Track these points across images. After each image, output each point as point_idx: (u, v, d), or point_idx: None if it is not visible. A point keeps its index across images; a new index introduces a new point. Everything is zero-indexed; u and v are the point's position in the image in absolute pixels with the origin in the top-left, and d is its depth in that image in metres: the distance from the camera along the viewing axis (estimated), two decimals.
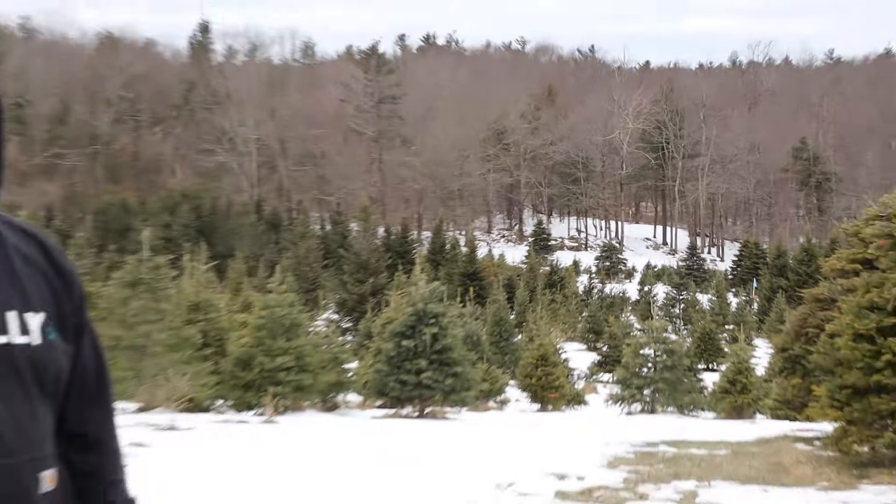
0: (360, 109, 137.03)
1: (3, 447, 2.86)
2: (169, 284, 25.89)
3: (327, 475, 13.44)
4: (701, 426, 19.66)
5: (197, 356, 24.65)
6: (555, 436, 17.05)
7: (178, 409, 21.44)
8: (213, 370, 24.49)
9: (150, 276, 25.09)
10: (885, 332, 12.22)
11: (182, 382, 21.94)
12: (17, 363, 2.95)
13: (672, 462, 13.52)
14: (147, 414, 21.20)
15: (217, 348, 25.91)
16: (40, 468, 3.01)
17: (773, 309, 66.22)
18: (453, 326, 23.43)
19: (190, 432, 17.70)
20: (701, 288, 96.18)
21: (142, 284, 24.90)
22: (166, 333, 24.20)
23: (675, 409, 31.82)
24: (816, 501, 11.10)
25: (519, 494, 11.70)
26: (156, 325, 24.15)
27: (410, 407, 22.76)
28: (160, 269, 25.45)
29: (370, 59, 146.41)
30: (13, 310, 2.99)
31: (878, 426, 12.45)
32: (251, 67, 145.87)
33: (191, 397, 22.29)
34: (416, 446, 15.89)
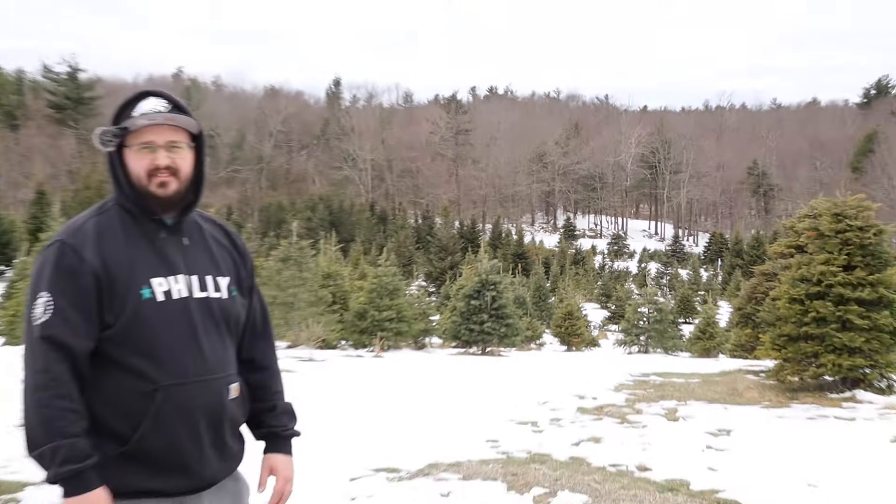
0: (443, 139, 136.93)
1: (209, 368, 3.34)
2: (309, 260, 26.11)
3: (416, 390, 13.61)
4: (680, 363, 19.61)
5: (328, 310, 24.89)
6: (576, 369, 17.08)
7: (314, 346, 21.73)
8: (339, 320, 24.73)
9: (296, 254, 25.36)
10: (811, 297, 12.25)
11: (318, 328, 22.22)
12: (214, 311, 3.43)
13: (659, 388, 13.53)
14: (294, 350, 21.46)
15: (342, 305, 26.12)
16: (229, 382, 3.46)
17: (732, 280, 65.84)
18: (506, 291, 23.52)
19: (323, 362, 17.91)
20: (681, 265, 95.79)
21: (290, 260, 25.18)
22: (307, 294, 24.45)
23: (662, 350, 31.79)
24: (761, 416, 11.12)
25: (552, 409, 11.77)
26: (300, 288, 24.41)
27: (475, 347, 22.86)
28: (303, 249, 25.71)
29: (451, 104, 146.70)
30: (210, 275, 3.45)
31: (805, 363, 12.45)
32: (368, 110, 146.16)
33: (323, 339, 22.59)
34: (479, 375, 15.99)
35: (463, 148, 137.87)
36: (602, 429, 10.32)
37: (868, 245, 12.42)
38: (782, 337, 12.70)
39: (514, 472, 8.20)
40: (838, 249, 12.47)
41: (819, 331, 12.25)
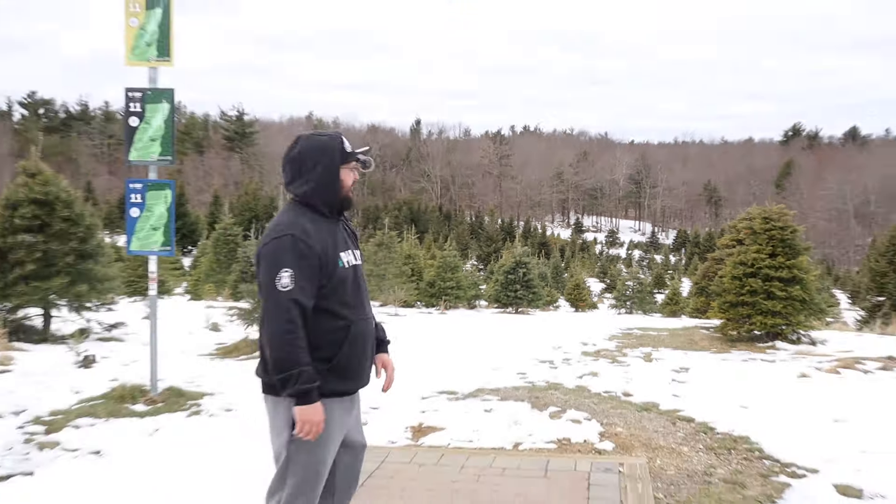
0: (491, 162, 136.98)
1: (367, 309, 3.74)
2: (396, 245, 26.10)
3: (468, 337, 13.58)
4: (654, 321, 19.44)
5: (408, 280, 24.89)
6: (581, 324, 16.97)
7: (398, 306, 21.70)
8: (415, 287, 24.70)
9: (387, 241, 25.36)
10: (747, 276, 12.17)
11: (401, 293, 22.24)
12: (361, 272, 3.73)
13: (639, 338, 13.43)
14: (383, 308, 21.48)
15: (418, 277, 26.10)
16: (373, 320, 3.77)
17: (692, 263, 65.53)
18: (533, 269, 23.42)
19: (404, 317, 17.95)
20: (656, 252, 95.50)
21: (383, 245, 25.18)
22: (394, 269, 24.46)
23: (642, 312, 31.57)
24: (710, 358, 11.02)
25: (564, 352, 11.71)
26: (389, 265, 24.40)
27: (511, 308, 22.78)
28: (392, 238, 25.70)
29: (496, 137, 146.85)
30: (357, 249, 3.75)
31: (741, 322, 12.37)
32: (438, 141, 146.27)
33: (404, 300, 22.58)
34: (512, 327, 15.92)
35: (504, 168, 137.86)
36: (598, 366, 10.25)
37: (786, 240, 12.37)
38: (726, 303, 12.64)
39: (536, 395, 8.15)
40: (766, 242, 12.40)
41: (751, 299, 12.18)
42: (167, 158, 7.68)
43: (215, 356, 11.01)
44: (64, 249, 11.43)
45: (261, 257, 3.43)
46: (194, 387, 8.60)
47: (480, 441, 6.55)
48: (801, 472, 5.77)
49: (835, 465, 5.91)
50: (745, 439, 6.63)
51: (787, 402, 8.01)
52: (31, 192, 11.40)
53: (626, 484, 5.42)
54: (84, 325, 11.93)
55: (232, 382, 8.94)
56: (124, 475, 5.52)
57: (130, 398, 7.76)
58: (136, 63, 7.63)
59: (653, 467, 5.88)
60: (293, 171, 3.59)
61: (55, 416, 7.28)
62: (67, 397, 7.98)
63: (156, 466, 5.74)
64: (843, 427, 7.07)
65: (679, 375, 9.63)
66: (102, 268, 11.86)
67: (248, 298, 11.65)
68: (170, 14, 7.61)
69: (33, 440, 6.53)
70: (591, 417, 7.26)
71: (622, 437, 6.66)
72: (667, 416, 7.45)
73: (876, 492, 5.34)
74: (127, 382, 8.18)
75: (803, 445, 6.41)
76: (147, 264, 8.14)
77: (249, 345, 11.36)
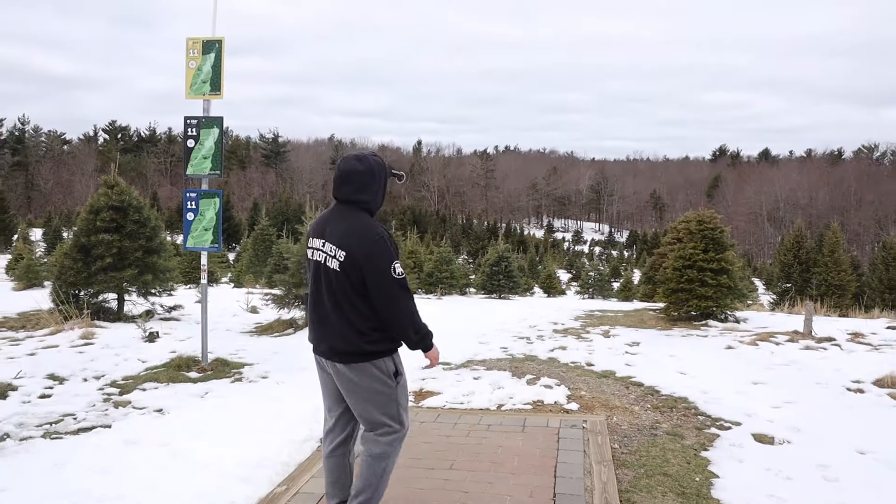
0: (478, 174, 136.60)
1: None
2: (401, 243, 26.02)
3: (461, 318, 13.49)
4: (611, 305, 19.38)
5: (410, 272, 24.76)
6: (552, 307, 16.88)
7: None
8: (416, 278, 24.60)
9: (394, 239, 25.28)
10: (685, 267, 12.09)
11: None
12: None
13: (599, 319, 13.36)
14: None
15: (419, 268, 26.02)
16: None
17: (641, 257, 65.47)
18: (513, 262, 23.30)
19: None
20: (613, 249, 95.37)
21: None
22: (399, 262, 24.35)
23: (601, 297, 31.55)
24: (656, 335, 10.97)
25: (538, 330, 11.64)
26: None
27: (496, 294, 22.70)
28: (398, 237, 25.61)
29: (483, 155, 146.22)
30: None
31: (681, 305, 12.31)
32: (436, 158, 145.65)
33: None
34: (496, 310, 15.83)
35: (489, 180, 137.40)
36: (566, 342, 10.21)
37: (716, 238, 12.32)
38: (669, 290, 12.57)
39: (516, 365, 8.12)
40: (700, 241, 12.35)
41: (689, 286, 12.12)
42: (216, 172, 7.73)
43: (254, 333, 10.98)
44: (134, 246, 11.50)
45: (373, 256, 3.36)
46: (237, 358, 8.60)
47: (470, 403, 6.53)
48: (728, 424, 5.79)
49: (753, 418, 5.96)
50: (683, 399, 6.63)
51: (717, 369, 8.01)
52: (110, 200, 11.51)
53: (588, 437, 5.42)
54: (149, 308, 11.98)
55: (267, 355, 8.93)
56: (181, 426, 5.52)
57: (186, 367, 7.83)
58: (194, 96, 7.74)
59: (610, 423, 5.87)
60: (362, 185, 3.47)
61: (127, 380, 7.37)
62: (136, 366, 8.04)
63: (206, 420, 5.74)
64: (760, 388, 7.08)
65: (631, 348, 9.60)
66: (164, 261, 11.90)
67: (281, 286, 11.60)
68: (221, 58, 7.72)
69: (110, 399, 6.64)
70: (560, 383, 7.24)
71: (585, 399, 6.65)
72: (621, 382, 7.44)
73: (784, 438, 5.45)
74: (183, 354, 8.27)
75: (729, 403, 6.43)
76: (200, 258, 8.17)
77: (282, 324, 11.33)
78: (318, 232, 3.53)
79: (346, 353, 3.46)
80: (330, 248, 3.43)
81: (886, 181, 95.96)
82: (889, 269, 26.24)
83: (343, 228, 3.43)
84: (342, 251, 3.38)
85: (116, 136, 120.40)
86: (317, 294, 3.54)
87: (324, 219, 3.57)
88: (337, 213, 3.52)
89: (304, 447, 5.20)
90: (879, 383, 7.05)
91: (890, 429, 5.69)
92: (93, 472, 4.53)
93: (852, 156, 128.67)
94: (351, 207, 3.48)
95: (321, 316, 3.53)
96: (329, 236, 3.45)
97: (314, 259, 3.53)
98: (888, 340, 9.82)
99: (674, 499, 4.31)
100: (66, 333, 9.73)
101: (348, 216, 3.47)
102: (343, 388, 3.56)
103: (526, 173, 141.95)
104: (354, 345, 3.43)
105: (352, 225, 3.42)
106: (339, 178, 3.49)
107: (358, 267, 3.36)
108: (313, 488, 4.41)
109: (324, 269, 3.47)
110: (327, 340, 3.51)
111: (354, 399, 3.55)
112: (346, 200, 3.50)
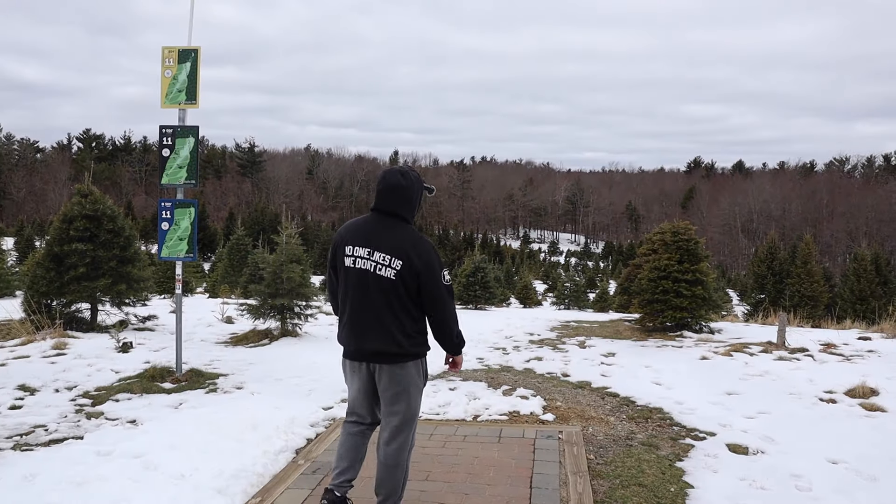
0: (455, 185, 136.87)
1: None
2: None
3: None
4: (587, 315, 19.45)
5: None
6: (529, 318, 16.89)
7: None
8: None
9: None
10: (660, 278, 12.16)
11: None
12: None
13: (575, 329, 13.41)
14: None
15: None
16: None
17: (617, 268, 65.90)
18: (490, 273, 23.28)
19: None
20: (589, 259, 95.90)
21: None
22: None
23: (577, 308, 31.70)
24: (631, 345, 11.03)
25: (514, 341, 11.66)
26: None
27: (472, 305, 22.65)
28: None
29: (459, 166, 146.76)
30: None
31: (656, 316, 12.38)
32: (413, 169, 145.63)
33: None
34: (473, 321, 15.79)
35: (466, 191, 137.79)
36: (542, 352, 10.24)
37: (690, 249, 12.42)
38: (644, 301, 12.64)
39: (492, 376, 8.13)
40: (675, 251, 12.44)
41: (664, 297, 12.20)
42: (192, 182, 7.69)
43: (229, 344, 10.90)
44: (108, 256, 11.37)
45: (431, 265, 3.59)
46: (212, 369, 8.54)
47: (447, 414, 6.53)
48: (702, 435, 5.83)
49: (728, 429, 6.00)
50: (658, 410, 6.67)
51: (692, 380, 8.07)
52: (84, 209, 11.39)
53: (564, 448, 5.43)
54: (123, 318, 11.86)
55: (242, 366, 8.86)
56: (155, 438, 5.46)
57: (160, 377, 7.75)
58: (169, 106, 7.69)
59: (586, 434, 5.89)
60: (405, 199, 3.68)
61: (100, 391, 7.28)
62: (109, 376, 7.94)
63: (180, 431, 5.68)
64: (734, 398, 7.14)
65: (607, 359, 9.65)
66: (139, 271, 11.78)
67: (256, 296, 11.53)
68: (197, 67, 7.67)
69: (83, 410, 6.55)
70: (536, 394, 7.26)
71: (561, 410, 6.67)
72: (597, 393, 7.47)
73: (758, 448, 5.49)
74: (157, 364, 8.17)
75: (704, 414, 6.47)
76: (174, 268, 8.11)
77: (258, 334, 11.24)
78: (362, 241, 3.65)
79: (394, 355, 3.66)
80: (381, 257, 3.58)
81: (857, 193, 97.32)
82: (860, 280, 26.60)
83: (396, 239, 3.60)
84: (399, 260, 3.56)
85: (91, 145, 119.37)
86: (363, 300, 3.65)
87: (364, 229, 3.69)
88: (380, 223, 3.66)
89: (279, 458, 5.17)
90: (851, 393, 7.14)
91: (861, 438, 5.75)
92: (64, 484, 4.47)
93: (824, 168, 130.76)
94: (395, 219, 3.65)
95: (367, 321, 3.65)
96: (379, 246, 3.59)
97: (358, 267, 3.64)
98: (860, 351, 9.95)
99: None
100: (38, 344, 9.60)
101: (396, 227, 3.64)
102: (383, 386, 3.72)
103: (502, 184, 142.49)
104: (403, 347, 3.65)
105: (404, 236, 3.60)
106: (384, 190, 3.66)
107: (415, 275, 3.56)
108: (288, 500, 4.38)
109: (373, 277, 3.60)
110: (373, 344, 3.66)
111: (391, 394, 3.72)
112: (389, 212, 3.66)
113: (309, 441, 5.70)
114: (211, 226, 67.24)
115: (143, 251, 12.55)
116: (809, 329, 13.62)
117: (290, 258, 11.57)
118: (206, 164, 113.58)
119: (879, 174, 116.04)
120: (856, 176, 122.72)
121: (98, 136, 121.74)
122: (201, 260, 52.67)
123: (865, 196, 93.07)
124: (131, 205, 77.09)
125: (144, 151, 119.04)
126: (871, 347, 10.32)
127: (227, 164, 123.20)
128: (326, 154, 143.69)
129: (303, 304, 11.59)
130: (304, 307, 11.63)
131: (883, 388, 7.21)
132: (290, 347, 10.39)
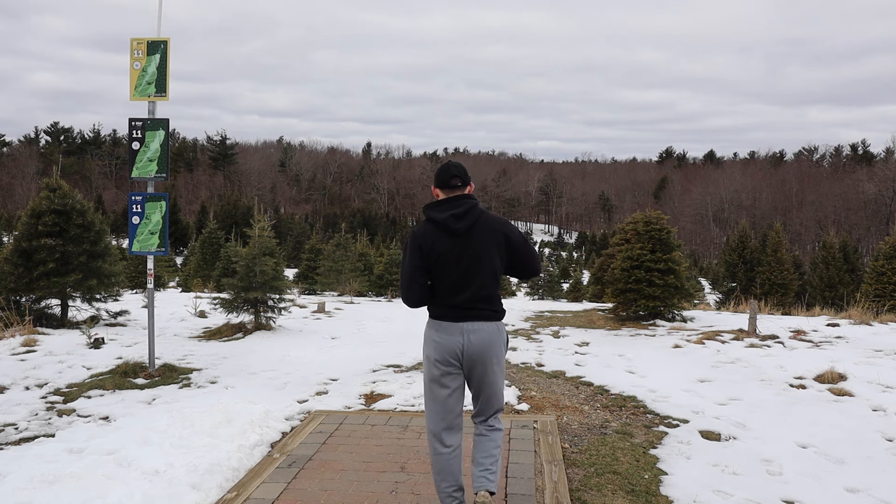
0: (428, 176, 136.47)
1: None
2: (351, 245, 25.87)
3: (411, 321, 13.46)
4: (561, 305, 19.50)
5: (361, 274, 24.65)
6: None
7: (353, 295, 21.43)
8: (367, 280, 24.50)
9: (344, 242, 25.13)
10: (633, 268, 12.25)
11: (355, 284, 21.92)
12: None
13: (549, 319, 13.46)
14: (341, 297, 21.26)
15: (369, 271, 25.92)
16: None
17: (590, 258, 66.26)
18: None
19: (359, 304, 17.73)
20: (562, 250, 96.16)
21: (340, 245, 24.95)
22: (349, 265, 24.22)
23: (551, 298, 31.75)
24: (605, 334, 11.10)
25: None
26: (345, 261, 24.18)
27: None
28: (348, 239, 25.46)
29: (433, 157, 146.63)
30: None
31: (629, 305, 12.47)
32: (386, 160, 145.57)
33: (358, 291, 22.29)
34: None
35: None
36: (516, 343, 10.28)
37: (663, 239, 12.52)
38: (617, 290, 12.73)
39: None
40: (647, 241, 12.53)
41: (637, 287, 12.29)
42: (162, 175, 7.61)
43: (202, 338, 10.82)
44: (78, 251, 11.25)
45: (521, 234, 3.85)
46: (185, 363, 8.48)
47: (421, 405, 6.53)
48: (676, 422, 5.89)
49: (700, 416, 6.08)
50: (632, 398, 6.73)
51: (665, 368, 8.15)
52: (52, 204, 11.27)
53: (539, 437, 5.46)
54: (94, 314, 11.74)
55: (216, 360, 8.81)
56: (128, 434, 5.41)
57: (132, 373, 7.69)
58: (139, 98, 7.61)
59: (560, 423, 5.93)
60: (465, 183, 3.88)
61: (71, 388, 7.20)
62: (81, 373, 7.87)
63: (154, 427, 5.63)
64: (707, 386, 7.22)
65: (581, 349, 9.71)
66: (109, 266, 11.66)
67: (230, 290, 11.45)
68: (167, 58, 7.58)
69: (54, 408, 6.49)
70: (510, 384, 7.29)
71: (536, 400, 6.70)
72: (571, 382, 7.52)
73: (730, 434, 5.58)
74: (129, 360, 8.10)
75: (677, 401, 6.55)
76: (146, 262, 8.02)
77: (231, 328, 11.18)
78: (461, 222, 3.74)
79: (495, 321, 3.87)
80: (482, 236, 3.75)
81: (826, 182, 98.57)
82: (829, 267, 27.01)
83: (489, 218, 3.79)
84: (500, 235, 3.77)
85: (59, 138, 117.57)
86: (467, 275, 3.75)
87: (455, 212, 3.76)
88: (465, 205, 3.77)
89: (254, 453, 5.15)
90: (820, 379, 7.26)
91: (830, 423, 5.85)
92: (36, 483, 4.42)
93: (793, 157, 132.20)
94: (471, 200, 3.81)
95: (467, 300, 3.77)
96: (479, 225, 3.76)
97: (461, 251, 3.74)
98: (828, 337, 10.11)
99: (624, 497, 4.37)
100: (7, 341, 9.48)
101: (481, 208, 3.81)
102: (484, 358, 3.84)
103: (475, 175, 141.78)
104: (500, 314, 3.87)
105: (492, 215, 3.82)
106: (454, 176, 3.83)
107: (512, 247, 3.79)
108: (264, 494, 4.37)
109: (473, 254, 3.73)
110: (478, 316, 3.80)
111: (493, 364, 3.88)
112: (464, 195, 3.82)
113: (284, 434, 5.68)
114: (183, 219, 66.66)
115: (113, 246, 12.45)
116: (780, 316, 13.80)
117: (264, 251, 11.52)
118: (176, 156, 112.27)
119: (847, 163, 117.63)
120: (824, 165, 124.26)
121: (66, 129, 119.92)
122: (173, 254, 52.25)
123: (833, 185, 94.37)
124: (101, 199, 76.05)
125: (114, 145, 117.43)
126: (840, 334, 10.50)
127: (198, 157, 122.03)
128: (299, 146, 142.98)
129: (276, 297, 11.55)
130: (278, 300, 11.59)
131: (850, 374, 7.34)
132: (265, 341, 10.34)
